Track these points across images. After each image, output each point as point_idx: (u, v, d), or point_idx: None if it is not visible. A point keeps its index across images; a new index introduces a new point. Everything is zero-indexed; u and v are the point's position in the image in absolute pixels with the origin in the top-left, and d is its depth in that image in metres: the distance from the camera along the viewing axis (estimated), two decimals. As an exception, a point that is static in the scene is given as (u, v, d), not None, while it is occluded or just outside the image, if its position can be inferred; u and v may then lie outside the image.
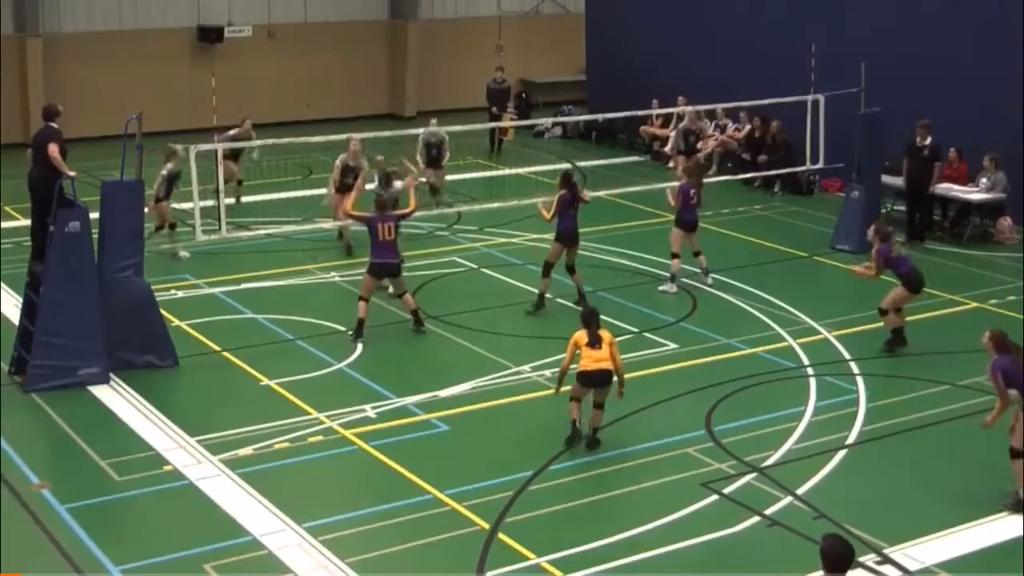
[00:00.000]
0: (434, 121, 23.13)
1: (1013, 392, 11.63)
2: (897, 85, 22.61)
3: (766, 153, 25.12)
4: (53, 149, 14.71)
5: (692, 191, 18.36)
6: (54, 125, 15.04)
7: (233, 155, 22.07)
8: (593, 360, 12.68)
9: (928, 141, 21.11)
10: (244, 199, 22.89)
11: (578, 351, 12.77)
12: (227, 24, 31.41)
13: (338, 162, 19.95)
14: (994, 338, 11.97)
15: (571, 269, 17.44)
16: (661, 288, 18.36)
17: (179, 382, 15.06)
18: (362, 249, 18.10)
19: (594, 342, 12.73)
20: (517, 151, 29.02)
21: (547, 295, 17.40)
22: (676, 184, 18.91)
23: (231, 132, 22.36)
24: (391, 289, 16.81)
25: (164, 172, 19.54)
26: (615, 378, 12.80)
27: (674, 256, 18.36)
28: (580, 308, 15.55)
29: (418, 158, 22.45)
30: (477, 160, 27.31)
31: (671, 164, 27.47)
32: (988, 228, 21.79)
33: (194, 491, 12.07)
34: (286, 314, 17.21)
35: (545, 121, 29.56)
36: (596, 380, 12.74)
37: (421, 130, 22.87)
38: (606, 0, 31.53)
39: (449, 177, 24.10)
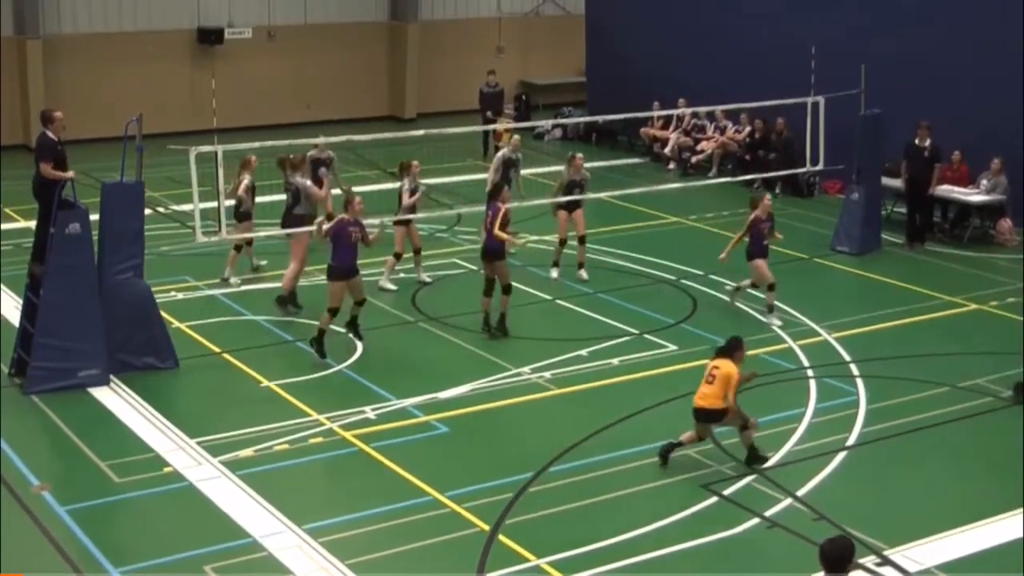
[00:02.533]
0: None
1: None
2: (897, 86, 22.62)
3: (771, 151, 25.10)
4: (45, 168, 14.63)
5: (764, 227, 17.21)
6: (49, 134, 14.91)
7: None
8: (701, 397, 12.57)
9: (928, 142, 21.11)
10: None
11: None
12: (227, 26, 31.42)
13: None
14: None
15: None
16: (772, 323, 17.08)
17: (179, 384, 15.06)
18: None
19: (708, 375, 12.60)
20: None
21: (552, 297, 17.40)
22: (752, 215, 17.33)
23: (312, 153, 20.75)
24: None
25: (245, 185, 18.76)
26: None
27: (770, 288, 17.23)
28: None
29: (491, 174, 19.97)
30: (476, 162, 27.29)
31: (671, 166, 27.55)
32: (988, 230, 21.80)
33: (194, 493, 12.08)
34: (286, 316, 17.21)
35: (545, 123, 29.55)
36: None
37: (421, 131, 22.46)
38: (606, 1, 31.53)
39: (448, 179, 24.14)
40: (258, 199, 19.21)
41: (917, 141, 21.13)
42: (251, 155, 18.99)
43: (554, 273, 18.84)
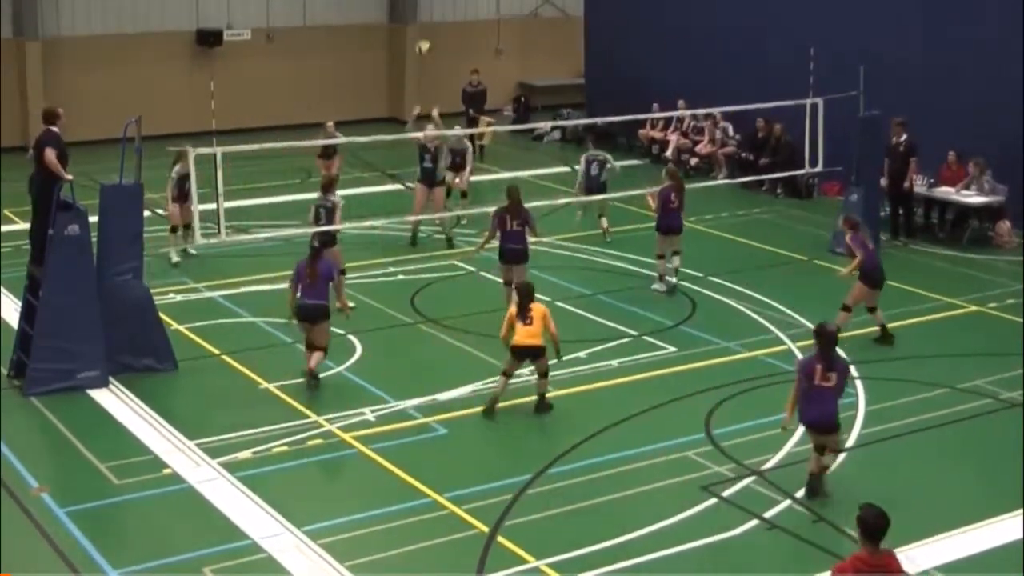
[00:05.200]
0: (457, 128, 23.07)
1: None
2: (896, 88, 22.62)
3: (768, 155, 25.13)
4: (49, 155, 14.70)
5: (672, 195, 18.37)
6: (54, 129, 15.03)
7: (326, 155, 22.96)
8: (525, 336, 13.61)
9: (903, 138, 21.15)
10: (243, 202, 22.81)
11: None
12: (226, 28, 31.41)
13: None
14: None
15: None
16: (653, 287, 18.49)
17: (178, 385, 15.05)
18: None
19: (524, 317, 13.54)
20: (516, 154, 29.02)
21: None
22: (656, 189, 18.89)
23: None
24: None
25: (174, 175, 19.43)
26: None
27: (659, 257, 18.56)
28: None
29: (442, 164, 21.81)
30: (476, 163, 27.24)
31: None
32: (987, 231, 21.81)
33: (193, 494, 12.07)
34: (285, 317, 17.17)
35: (544, 125, 29.55)
36: (527, 354, 13.71)
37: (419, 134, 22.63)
38: (605, 3, 31.54)
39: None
40: (260, 200, 19.18)
41: (894, 138, 21.18)
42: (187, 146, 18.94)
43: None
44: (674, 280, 18.71)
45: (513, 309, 13.81)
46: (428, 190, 20.66)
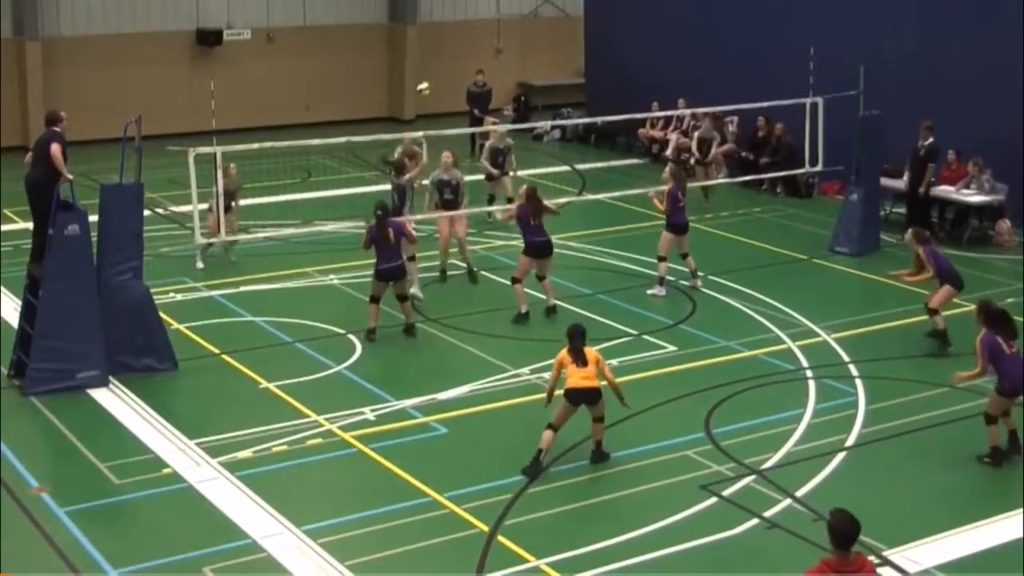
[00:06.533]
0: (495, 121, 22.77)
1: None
2: (896, 87, 22.62)
3: (768, 155, 25.12)
4: (55, 148, 14.71)
5: (680, 194, 18.35)
6: (57, 130, 15.04)
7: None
8: (580, 378, 12.43)
9: (928, 142, 21.15)
10: (243, 202, 22.82)
11: (564, 370, 12.55)
12: (226, 27, 31.43)
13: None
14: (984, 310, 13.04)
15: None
16: (649, 292, 18.35)
17: (178, 385, 15.06)
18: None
19: (579, 360, 12.49)
20: (516, 154, 28.89)
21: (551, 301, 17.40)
22: (661, 188, 18.88)
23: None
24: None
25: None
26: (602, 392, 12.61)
27: (661, 259, 18.37)
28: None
29: (484, 162, 22.13)
30: (475, 163, 27.26)
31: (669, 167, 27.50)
32: (987, 231, 21.81)
33: (193, 494, 12.08)
34: (285, 317, 17.22)
35: (544, 124, 29.55)
36: (584, 398, 12.49)
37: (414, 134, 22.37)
38: (604, 3, 31.54)
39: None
40: (260, 199, 19.18)
41: (920, 141, 21.20)
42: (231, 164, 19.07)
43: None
44: (699, 281, 18.60)
45: (563, 353, 12.63)
46: (449, 223, 18.71)
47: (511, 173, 22.25)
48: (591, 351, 12.70)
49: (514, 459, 12.77)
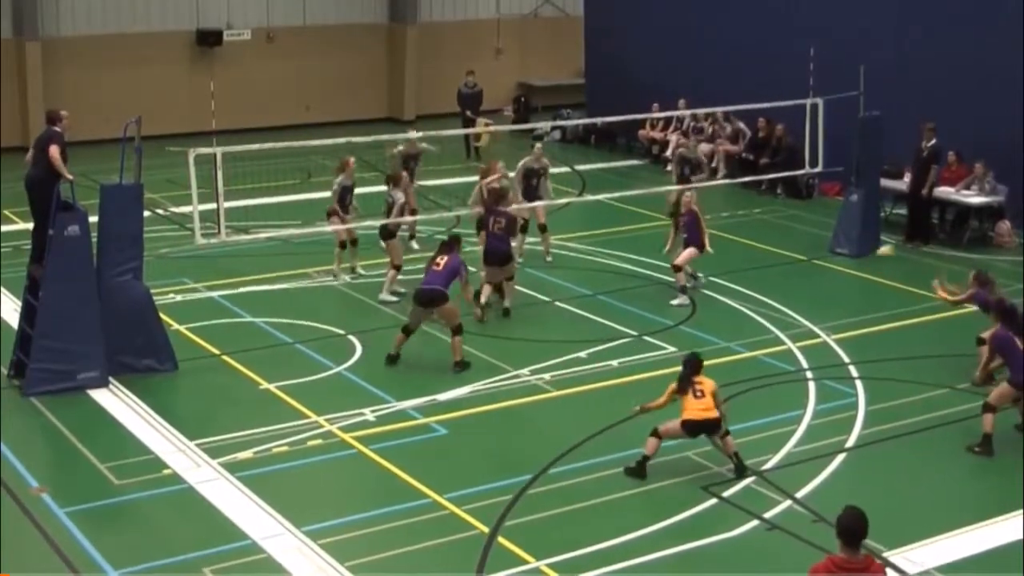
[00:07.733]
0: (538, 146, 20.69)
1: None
2: (896, 88, 22.62)
3: (769, 156, 25.12)
4: (54, 150, 14.70)
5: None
6: (57, 129, 15.03)
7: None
8: (700, 409, 12.33)
9: (930, 143, 21.16)
10: (244, 202, 22.78)
11: (677, 397, 12.49)
12: (226, 27, 31.43)
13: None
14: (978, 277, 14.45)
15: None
16: (675, 302, 17.83)
17: (178, 386, 15.05)
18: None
19: (693, 390, 12.41)
20: (516, 154, 28.85)
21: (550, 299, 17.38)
22: (688, 210, 18.21)
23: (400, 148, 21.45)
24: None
25: (336, 185, 18.86)
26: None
27: (677, 269, 18.00)
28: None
29: (517, 185, 19.80)
30: (475, 164, 27.27)
31: (669, 168, 27.50)
32: (987, 232, 21.81)
33: (193, 495, 12.07)
34: (285, 318, 17.21)
35: (544, 125, 29.53)
36: (703, 428, 12.41)
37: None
38: (605, 3, 31.54)
39: (444, 181, 24.09)
40: (260, 200, 19.17)
41: (923, 142, 21.20)
42: (349, 156, 19.15)
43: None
44: (699, 281, 18.68)
45: (674, 385, 12.57)
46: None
47: (546, 199, 20.11)
48: (708, 381, 12.55)
49: (514, 460, 12.79)
